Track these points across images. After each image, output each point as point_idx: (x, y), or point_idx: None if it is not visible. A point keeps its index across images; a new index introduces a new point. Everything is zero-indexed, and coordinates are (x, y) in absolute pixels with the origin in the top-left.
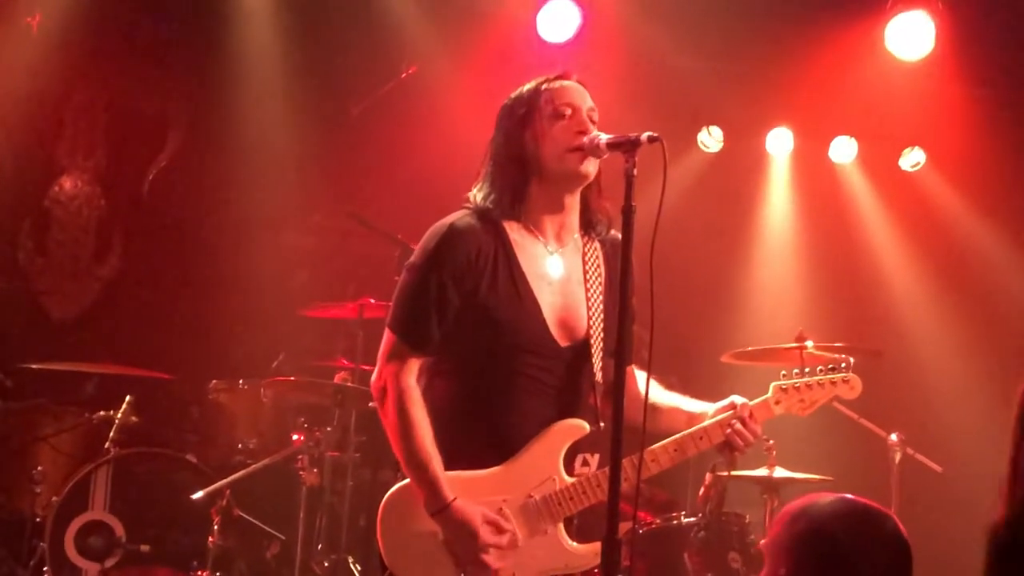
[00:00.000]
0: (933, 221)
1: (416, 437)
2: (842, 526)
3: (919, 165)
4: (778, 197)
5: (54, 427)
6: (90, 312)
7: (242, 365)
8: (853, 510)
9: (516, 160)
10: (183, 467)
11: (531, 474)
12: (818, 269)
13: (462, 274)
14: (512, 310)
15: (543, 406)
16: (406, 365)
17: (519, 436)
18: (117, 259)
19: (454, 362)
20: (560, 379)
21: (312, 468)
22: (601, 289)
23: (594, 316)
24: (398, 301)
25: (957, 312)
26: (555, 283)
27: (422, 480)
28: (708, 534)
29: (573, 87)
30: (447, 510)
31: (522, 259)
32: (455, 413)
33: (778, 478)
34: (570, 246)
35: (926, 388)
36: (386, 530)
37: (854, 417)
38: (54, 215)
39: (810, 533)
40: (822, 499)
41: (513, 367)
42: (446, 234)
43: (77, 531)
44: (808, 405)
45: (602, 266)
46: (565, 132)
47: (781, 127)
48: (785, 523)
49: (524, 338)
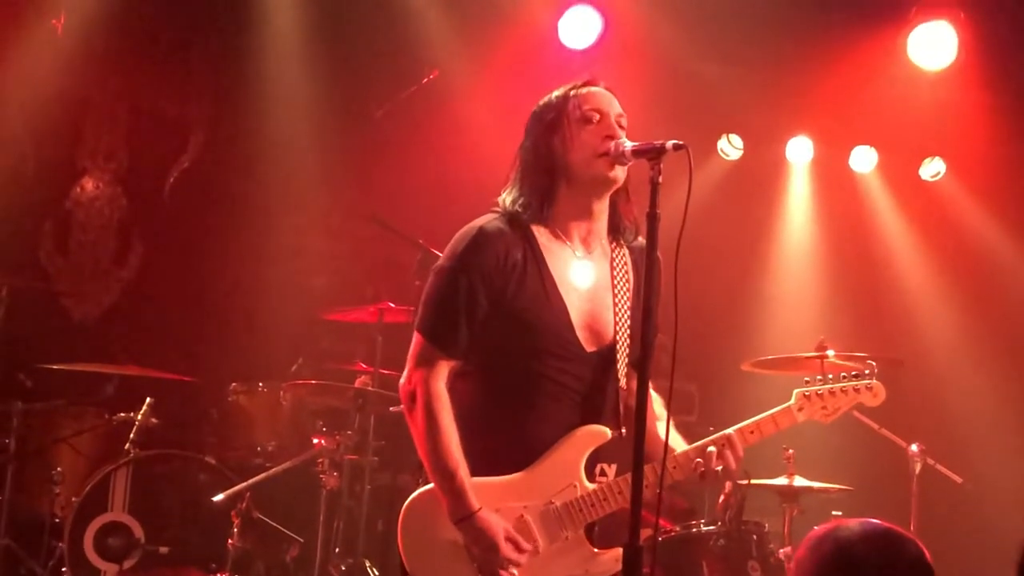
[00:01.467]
0: (953, 231)
1: (444, 444)
2: (866, 549)
3: (939, 175)
4: (798, 206)
5: (74, 428)
6: (110, 313)
7: (261, 368)
8: (877, 533)
9: (545, 165)
10: (202, 469)
11: (552, 480)
12: (838, 278)
13: (491, 277)
14: (539, 313)
15: (567, 411)
16: (435, 369)
17: (542, 440)
18: (138, 260)
19: (478, 364)
20: (585, 384)
21: (332, 471)
22: (629, 296)
23: (620, 323)
24: (427, 304)
25: (978, 322)
26: (583, 288)
27: (448, 488)
28: (727, 542)
29: (601, 93)
30: (471, 519)
31: (550, 263)
32: (478, 415)
33: (797, 487)
34: (598, 252)
35: (947, 398)
36: (407, 534)
37: (874, 427)
38: (75, 216)
39: (835, 555)
40: (848, 523)
41: (538, 370)
42: (475, 237)
43: (96, 532)
44: (831, 412)
45: (631, 273)
46: (593, 137)
47: (801, 135)
48: (811, 546)
49: (550, 341)
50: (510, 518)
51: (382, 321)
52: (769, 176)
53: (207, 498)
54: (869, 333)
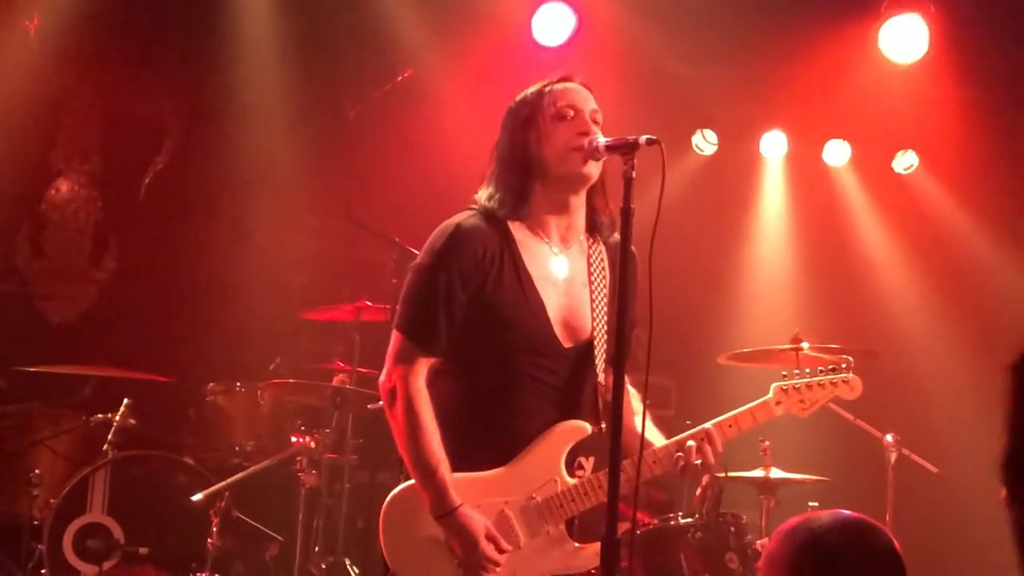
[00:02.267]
0: (926, 223)
1: (425, 441)
2: (839, 539)
3: (912, 168)
4: (772, 200)
5: (51, 430)
6: (87, 315)
7: (239, 368)
8: (849, 524)
9: (520, 161)
10: (181, 469)
11: (533, 475)
12: (813, 271)
13: (469, 273)
14: (517, 309)
15: (546, 406)
16: (415, 366)
17: (521, 436)
18: (114, 262)
19: (457, 361)
20: (563, 380)
21: (311, 470)
22: (605, 292)
23: (598, 318)
24: (405, 301)
25: (951, 313)
26: (560, 284)
27: (429, 484)
28: (705, 535)
29: (576, 89)
30: (452, 515)
31: (527, 259)
32: (457, 412)
33: (774, 479)
34: (575, 248)
35: (921, 389)
36: (389, 530)
37: (850, 418)
38: (51, 218)
39: (809, 545)
40: (819, 514)
41: (516, 367)
42: (453, 234)
43: (75, 533)
44: (808, 406)
45: (607, 269)
46: (567, 133)
47: (775, 130)
48: (782, 538)
49: (528, 338)
50: (491, 513)
51: (359, 320)
52: (743, 171)
53: (186, 498)
54: (844, 325)
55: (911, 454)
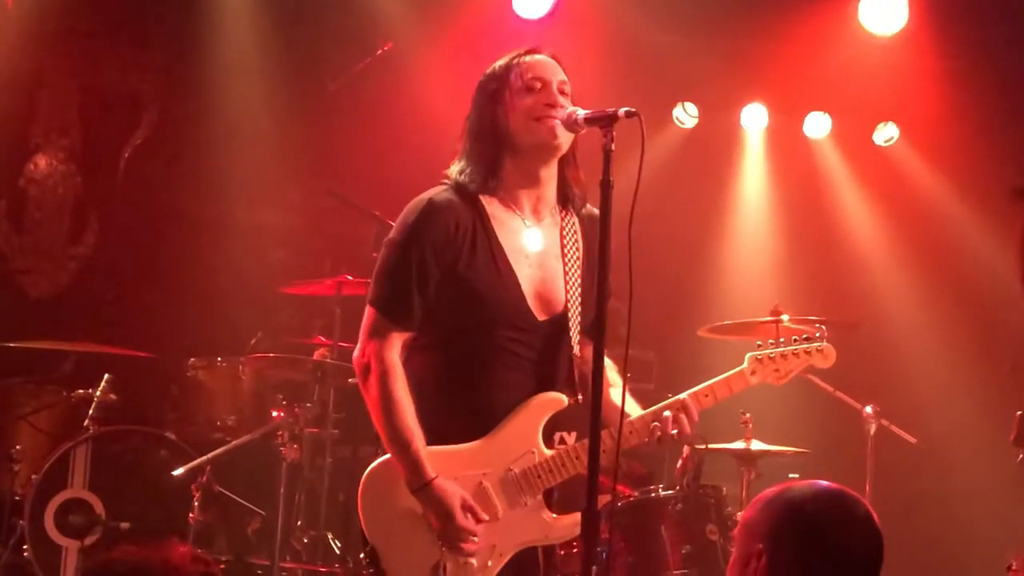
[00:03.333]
0: (907, 195)
1: (399, 415)
2: (819, 507)
3: (893, 140)
4: (753, 172)
5: (32, 405)
6: (67, 290)
7: (221, 343)
8: (829, 493)
9: (489, 135)
10: (162, 444)
11: (511, 447)
12: (793, 243)
13: (442, 248)
14: (490, 283)
15: (522, 379)
16: (388, 341)
17: (498, 409)
18: (94, 237)
19: (432, 336)
20: (538, 353)
21: (292, 444)
22: (579, 263)
23: (572, 290)
24: (378, 277)
25: (931, 285)
26: (532, 256)
27: (404, 458)
28: (685, 506)
29: (543, 61)
30: (428, 488)
31: (500, 233)
32: (434, 387)
33: (755, 450)
34: (547, 220)
35: (900, 360)
36: (367, 504)
37: (829, 390)
38: (30, 194)
39: (789, 512)
40: (798, 484)
41: (491, 341)
42: (424, 209)
43: (57, 509)
44: (783, 375)
45: (580, 240)
46: (534, 106)
47: (756, 103)
48: (761, 506)
49: (502, 311)
50: (469, 486)
51: (340, 294)
52: (724, 143)
53: (168, 473)
54: (824, 297)
55: (890, 425)
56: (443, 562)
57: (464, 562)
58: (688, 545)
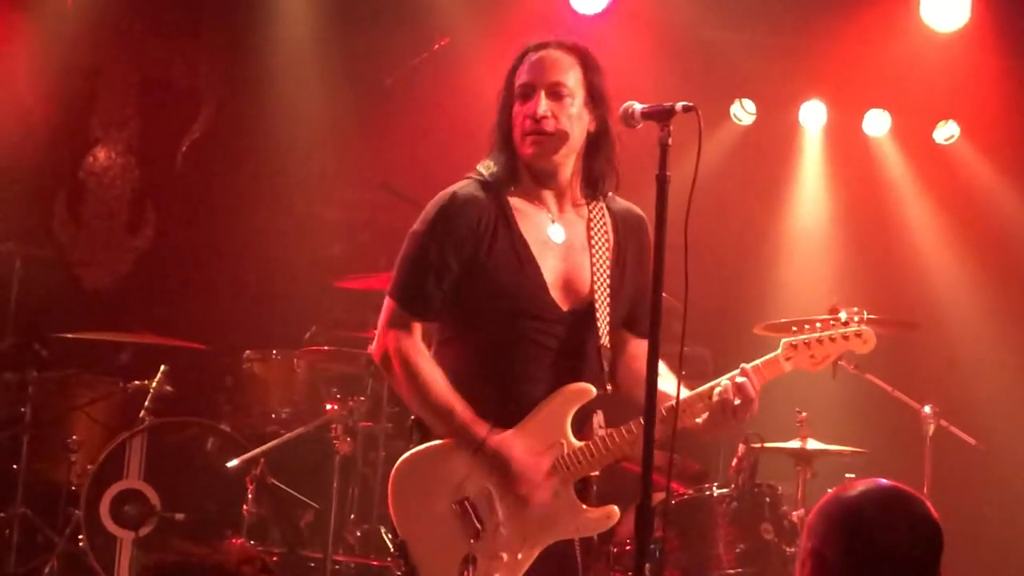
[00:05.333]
0: (967, 194)
1: (433, 387)
2: (871, 504)
3: (953, 138)
4: (811, 170)
5: (89, 396)
6: (124, 282)
7: (275, 335)
8: (882, 492)
9: (504, 137)
10: (217, 436)
11: (539, 438)
12: (851, 242)
13: (463, 241)
14: (512, 274)
15: (548, 370)
16: (408, 330)
17: (525, 400)
18: (151, 230)
19: (459, 330)
20: (565, 343)
21: (346, 437)
22: (608, 255)
23: (599, 281)
24: (399, 269)
25: (992, 285)
26: (557, 248)
27: (451, 425)
28: (740, 505)
29: (542, 59)
30: (484, 445)
31: (523, 226)
32: (461, 379)
33: (811, 450)
34: (572, 213)
35: (960, 360)
36: (397, 497)
37: (888, 389)
38: (88, 186)
39: (839, 510)
40: (854, 484)
41: (516, 331)
42: (447, 203)
43: (112, 499)
44: (819, 360)
45: (610, 231)
46: (519, 116)
47: (814, 100)
48: (819, 509)
49: (525, 302)
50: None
51: None
52: (782, 141)
53: (222, 465)
54: (883, 296)
55: (949, 426)
56: (472, 554)
57: (494, 554)
58: (742, 544)
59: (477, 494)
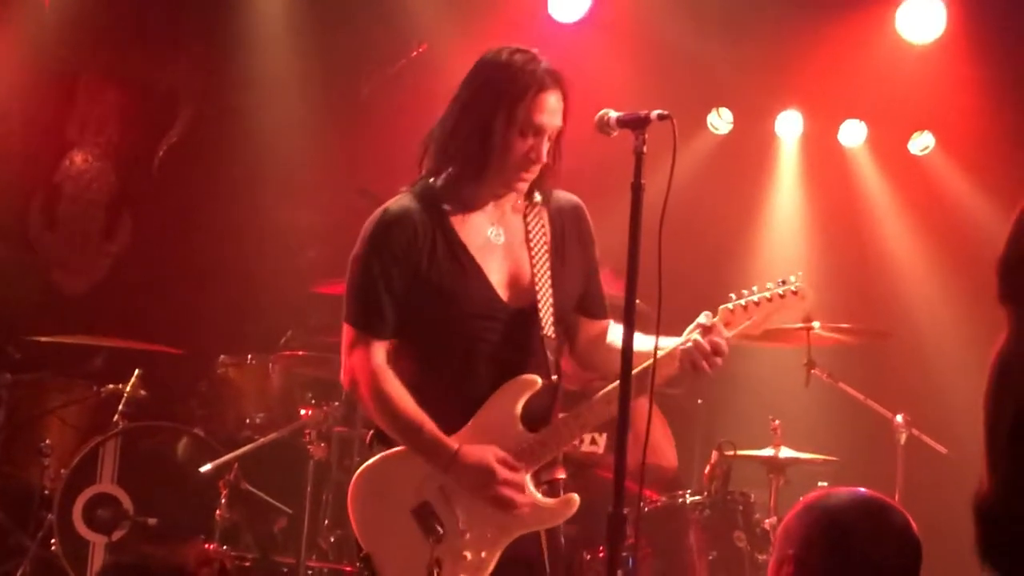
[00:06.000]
0: (942, 205)
1: (400, 405)
2: (855, 517)
3: (928, 149)
4: (787, 180)
5: (62, 400)
6: (100, 286)
7: (251, 341)
8: (866, 502)
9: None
10: (191, 441)
11: (491, 434)
12: (826, 251)
13: (403, 254)
14: (456, 278)
15: (499, 366)
16: (370, 350)
17: (477, 398)
18: (127, 234)
19: (413, 343)
20: (511, 338)
21: (319, 442)
22: (546, 250)
23: (540, 275)
24: (348, 294)
25: (965, 295)
26: (497, 247)
27: (421, 442)
28: (713, 513)
29: (551, 105)
30: (456, 458)
31: (461, 230)
32: (422, 390)
33: (783, 458)
34: (509, 212)
35: (932, 370)
36: (357, 509)
37: (860, 398)
38: (65, 190)
39: (822, 519)
40: (837, 491)
41: (467, 334)
42: (381, 219)
43: (85, 503)
44: (760, 322)
45: (547, 226)
46: (524, 154)
47: (791, 110)
48: (799, 513)
49: (472, 304)
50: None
51: None
52: (759, 150)
53: (195, 470)
54: (856, 305)
55: (921, 435)
56: (437, 557)
57: (459, 554)
58: (715, 552)
59: (435, 497)
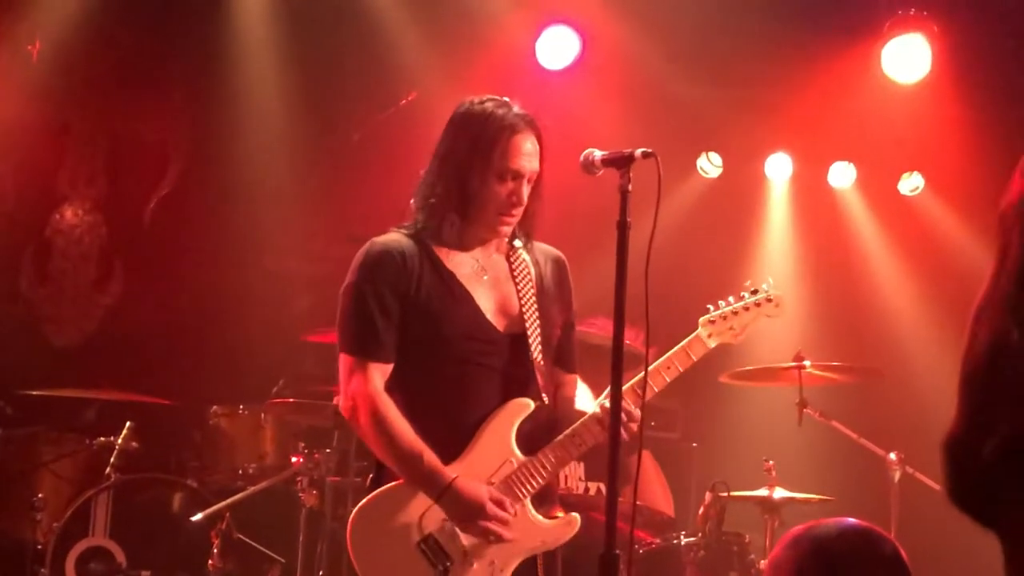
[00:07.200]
0: (932, 245)
1: (399, 434)
2: (844, 546)
3: (918, 190)
4: (777, 222)
5: (54, 453)
6: (91, 339)
7: (243, 390)
8: (854, 531)
9: (453, 192)
10: (184, 492)
11: (488, 460)
12: (817, 292)
13: (395, 280)
14: (445, 302)
15: (493, 391)
16: (368, 377)
17: (474, 423)
18: (118, 286)
19: (406, 369)
20: (504, 363)
21: (311, 490)
22: (532, 286)
23: (527, 306)
24: (342, 323)
25: (956, 334)
26: (485, 281)
27: (419, 471)
28: (708, 554)
29: (525, 149)
30: (451, 489)
31: (449, 264)
32: (417, 415)
33: (778, 499)
34: (494, 253)
35: (925, 407)
36: (357, 545)
37: (853, 436)
38: (55, 243)
39: (813, 553)
40: (825, 522)
41: (459, 356)
42: (370, 250)
43: (78, 557)
44: (739, 331)
45: (530, 266)
46: (503, 200)
47: (780, 152)
48: (788, 544)
49: (462, 326)
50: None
51: None
52: (749, 193)
53: (188, 521)
54: (849, 345)
55: (915, 472)
56: None
57: None
58: None
59: (438, 529)
